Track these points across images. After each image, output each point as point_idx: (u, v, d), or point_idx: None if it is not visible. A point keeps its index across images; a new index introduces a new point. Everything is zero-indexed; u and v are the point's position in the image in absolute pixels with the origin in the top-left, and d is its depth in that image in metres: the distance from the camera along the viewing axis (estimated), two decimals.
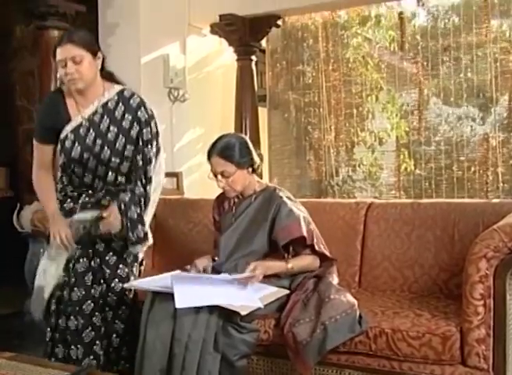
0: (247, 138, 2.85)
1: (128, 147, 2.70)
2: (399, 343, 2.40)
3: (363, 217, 3.18)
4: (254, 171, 2.81)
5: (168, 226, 3.69)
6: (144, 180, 2.71)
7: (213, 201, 3.11)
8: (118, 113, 2.71)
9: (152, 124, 2.76)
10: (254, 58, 5.25)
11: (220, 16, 5.05)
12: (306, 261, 2.74)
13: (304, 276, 2.74)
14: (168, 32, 5.10)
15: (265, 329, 2.61)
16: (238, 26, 5.06)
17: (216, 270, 2.77)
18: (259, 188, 2.86)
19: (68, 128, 2.71)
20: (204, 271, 2.77)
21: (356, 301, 2.54)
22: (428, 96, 5.05)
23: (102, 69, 2.76)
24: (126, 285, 2.72)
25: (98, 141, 2.69)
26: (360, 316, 2.48)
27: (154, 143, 2.75)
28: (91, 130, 2.70)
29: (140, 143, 2.71)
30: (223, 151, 2.71)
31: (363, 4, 5.20)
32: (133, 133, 2.70)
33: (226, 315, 2.47)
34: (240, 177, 2.74)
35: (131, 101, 2.74)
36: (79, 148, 2.69)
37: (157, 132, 2.78)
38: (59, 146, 2.74)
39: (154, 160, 2.74)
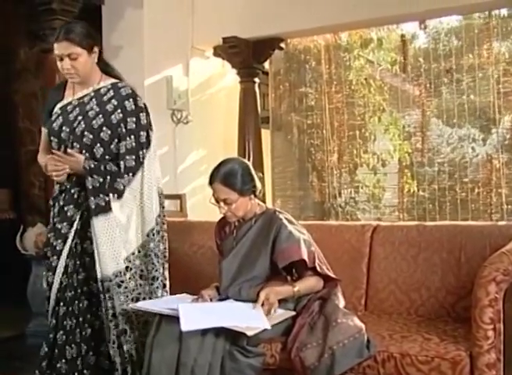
0: (249, 163, 2.83)
1: (104, 129, 2.71)
2: (408, 368, 2.37)
3: (368, 240, 3.17)
4: (255, 196, 2.80)
5: (172, 249, 3.62)
6: (122, 167, 2.71)
7: (215, 226, 3.09)
8: (106, 97, 2.78)
9: (141, 115, 2.78)
10: (257, 80, 5.28)
11: (223, 38, 5.08)
12: (310, 282, 2.71)
13: (309, 298, 2.71)
14: (172, 54, 5.14)
15: (272, 353, 2.58)
16: (241, 49, 5.09)
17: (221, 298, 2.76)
18: (259, 211, 2.84)
19: (58, 105, 2.83)
20: (211, 301, 2.75)
21: (363, 326, 2.51)
22: (430, 117, 5.07)
23: (100, 60, 2.85)
24: (131, 306, 2.70)
25: (79, 117, 2.75)
26: (368, 340, 2.45)
27: (142, 134, 2.76)
28: (77, 109, 2.79)
29: (124, 130, 2.72)
30: (226, 178, 2.69)
31: (365, 26, 5.24)
32: (114, 118, 2.72)
33: (233, 338, 2.45)
34: (242, 204, 2.72)
35: (121, 90, 2.80)
36: (61, 120, 2.78)
37: (146, 125, 2.79)
38: (48, 122, 2.84)
39: (140, 151, 2.73)
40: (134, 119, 2.75)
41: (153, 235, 2.84)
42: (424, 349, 2.39)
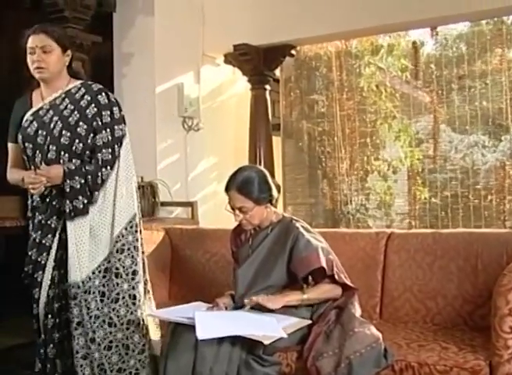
0: (266, 171, 2.81)
1: (81, 124, 2.67)
2: None
3: (383, 247, 3.14)
4: (271, 204, 2.78)
5: (185, 257, 3.66)
6: (99, 161, 2.66)
7: (230, 232, 3.06)
8: (78, 95, 2.73)
9: (114, 109, 2.73)
10: (267, 87, 5.28)
11: (234, 46, 5.09)
12: (323, 290, 2.67)
13: (326, 307, 2.69)
14: (183, 62, 5.15)
15: (287, 362, 2.55)
16: (252, 56, 5.10)
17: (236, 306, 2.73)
18: (276, 219, 2.82)
19: (28, 113, 2.75)
20: (226, 309, 2.73)
21: (380, 335, 2.48)
22: (442, 124, 5.05)
23: (70, 66, 2.81)
24: (146, 314, 2.68)
25: (55, 118, 2.69)
26: (385, 349, 2.42)
27: (117, 128, 2.71)
28: (51, 111, 2.72)
29: (100, 124, 2.69)
30: (242, 186, 2.67)
31: (375, 33, 5.23)
32: (89, 112, 2.69)
33: (249, 347, 2.42)
34: (257, 212, 2.70)
35: (92, 86, 2.77)
36: (36, 125, 2.70)
37: (120, 118, 2.74)
38: (18, 131, 2.75)
39: (115, 145, 2.69)
40: (108, 112, 2.71)
41: (131, 227, 2.73)
42: (442, 358, 2.36)
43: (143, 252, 2.82)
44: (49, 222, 2.67)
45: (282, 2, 5.02)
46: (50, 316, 2.67)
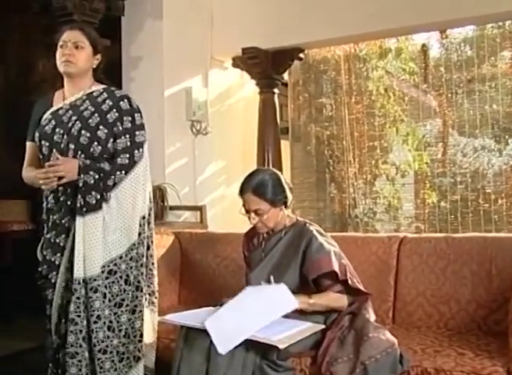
0: (280, 174, 2.79)
1: (101, 127, 2.66)
2: None
3: (395, 252, 3.12)
4: (286, 207, 2.76)
5: (195, 261, 3.64)
6: (116, 164, 2.65)
7: (242, 236, 3.05)
8: (100, 99, 2.74)
9: (136, 115, 2.73)
10: (276, 90, 5.26)
11: (243, 49, 5.06)
12: (329, 298, 2.63)
13: (339, 313, 2.67)
14: (191, 65, 5.13)
15: (301, 367, 2.54)
16: (261, 59, 5.07)
17: None
18: (289, 223, 2.80)
19: (48, 112, 2.74)
20: None
21: (396, 340, 2.46)
22: (451, 128, 5.03)
23: (96, 71, 2.82)
24: (160, 319, 2.66)
25: (73, 118, 2.68)
26: (401, 355, 2.40)
27: (138, 134, 2.71)
28: (70, 111, 2.71)
29: (120, 128, 2.68)
30: (257, 188, 2.66)
31: (384, 36, 5.21)
32: (110, 117, 2.68)
33: (263, 353, 2.41)
34: (273, 215, 2.69)
35: (115, 92, 2.78)
36: (53, 123, 2.69)
37: (141, 125, 2.74)
38: (36, 130, 2.73)
39: (135, 150, 2.68)
40: (130, 118, 2.71)
41: (142, 238, 2.72)
42: (459, 364, 2.33)
43: (152, 263, 2.81)
44: (63, 221, 2.65)
45: (290, 6, 4.99)
46: (64, 320, 2.64)
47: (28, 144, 2.84)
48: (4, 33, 5.88)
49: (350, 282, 2.64)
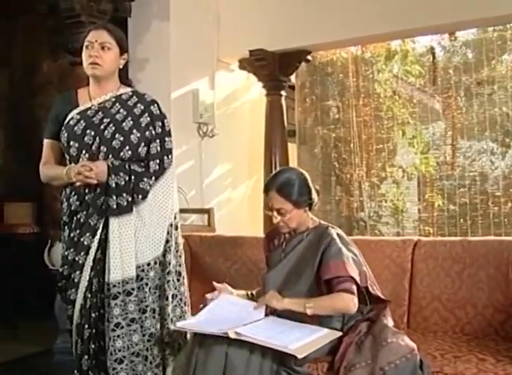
0: (307, 175, 2.75)
1: (134, 131, 2.63)
2: None
3: (410, 255, 3.09)
4: (310, 209, 2.72)
5: (205, 264, 3.60)
6: (149, 169, 2.63)
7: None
8: (130, 102, 2.70)
9: (165, 121, 2.73)
10: (283, 93, 5.23)
11: (250, 51, 5.03)
12: (330, 299, 2.53)
13: (357, 319, 2.63)
14: (198, 67, 5.09)
15: (318, 373, 2.50)
16: (268, 61, 5.04)
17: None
18: (312, 225, 2.75)
19: (75, 111, 2.67)
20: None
21: (415, 345, 2.41)
22: (461, 130, 4.99)
23: (121, 71, 2.78)
24: (174, 327, 2.61)
25: (105, 120, 2.63)
26: (421, 361, 2.36)
27: (167, 140, 2.70)
28: (100, 113, 2.66)
29: (153, 134, 2.66)
30: (282, 187, 2.61)
31: (393, 38, 5.18)
32: (143, 121, 2.66)
33: (280, 358, 2.37)
34: (296, 215, 2.64)
35: (145, 97, 2.75)
36: (83, 124, 2.63)
37: (169, 132, 2.74)
38: (62, 130, 2.66)
39: (165, 156, 2.67)
40: (160, 123, 2.70)
41: (170, 245, 2.70)
42: (481, 370, 2.29)
43: (181, 271, 2.79)
44: (89, 221, 2.60)
45: (296, 8, 4.96)
46: (87, 326, 2.60)
47: (47, 141, 2.77)
48: (9, 35, 5.86)
49: (371, 289, 2.60)
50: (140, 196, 2.60)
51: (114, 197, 2.55)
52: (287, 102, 5.55)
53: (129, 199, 2.57)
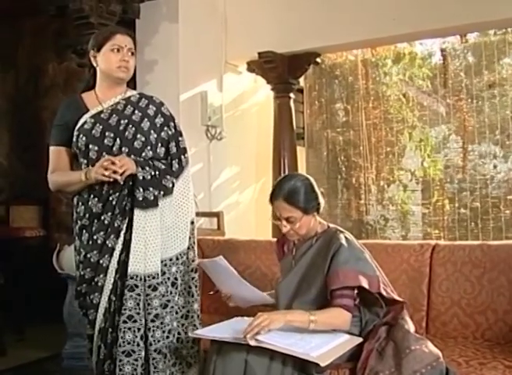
0: (312, 179, 2.70)
1: (152, 132, 2.63)
2: None
3: (428, 259, 3.03)
4: (318, 212, 2.67)
5: None
6: (172, 168, 2.65)
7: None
8: (142, 104, 2.70)
9: (176, 122, 2.76)
10: (292, 95, 5.19)
11: (259, 53, 5.00)
12: (331, 314, 2.45)
13: (374, 324, 2.58)
14: (206, 69, 5.06)
15: None
16: (277, 64, 5.01)
17: None
18: (320, 230, 2.69)
19: (87, 115, 2.63)
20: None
21: (440, 352, 2.36)
22: (472, 133, 4.96)
23: None
24: (191, 334, 2.57)
25: (123, 121, 2.61)
26: (447, 369, 2.30)
27: (181, 140, 2.72)
28: (114, 115, 2.63)
29: (169, 133, 2.69)
30: (290, 196, 2.55)
31: (403, 41, 5.15)
32: (158, 122, 2.67)
33: (301, 365, 2.31)
34: (305, 222, 2.58)
35: (154, 98, 2.76)
36: (100, 127, 2.60)
37: (181, 132, 2.75)
38: (75, 134, 2.60)
39: (181, 155, 2.69)
40: (172, 124, 2.72)
41: (192, 243, 2.73)
42: None
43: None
44: (114, 222, 2.55)
45: (305, 10, 4.92)
46: (110, 330, 2.54)
47: (53, 148, 2.71)
48: (14, 37, 5.82)
49: (384, 293, 2.54)
50: (162, 192, 2.59)
51: (141, 189, 2.54)
52: (294, 105, 5.52)
53: (156, 193, 2.57)
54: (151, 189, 2.55)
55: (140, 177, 2.54)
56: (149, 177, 2.56)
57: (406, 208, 5.33)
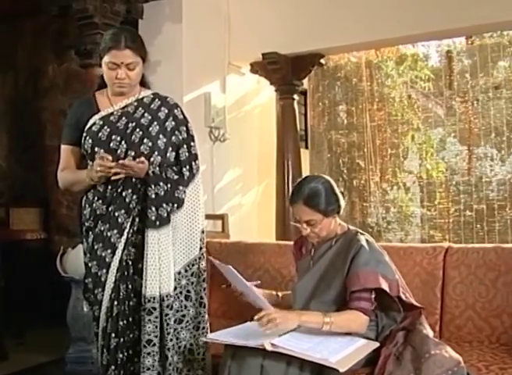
0: (332, 181, 2.65)
1: (161, 136, 2.55)
2: None
3: (441, 262, 2.98)
4: (338, 214, 2.63)
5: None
6: (184, 177, 2.56)
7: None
8: (154, 106, 2.62)
9: (189, 125, 2.66)
10: (296, 97, 5.15)
11: (263, 54, 4.96)
12: (347, 317, 2.43)
13: (391, 329, 2.54)
14: (209, 71, 5.02)
15: None
16: (281, 65, 4.97)
17: None
18: (340, 231, 2.66)
19: (96, 117, 2.58)
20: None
21: (460, 357, 2.32)
22: (477, 135, 4.93)
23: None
24: (204, 339, 2.52)
25: (131, 124, 2.55)
26: (468, 374, 2.27)
27: (193, 145, 2.63)
28: (123, 117, 2.57)
29: (179, 138, 2.60)
30: (310, 199, 2.51)
31: (407, 42, 5.13)
32: (168, 126, 2.58)
33: (318, 371, 2.27)
34: (326, 225, 2.55)
35: (168, 99, 2.66)
36: (108, 130, 2.54)
37: (193, 136, 2.67)
38: (84, 136, 2.56)
39: (193, 162, 2.61)
40: (185, 128, 2.63)
41: (203, 252, 2.66)
42: None
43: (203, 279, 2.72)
44: (116, 214, 2.51)
45: (309, 11, 4.89)
46: (114, 335, 2.49)
47: (65, 147, 2.66)
48: (14, 37, 5.76)
49: (403, 297, 2.51)
50: (175, 205, 2.52)
51: (153, 209, 2.46)
52: (298, 107, 5.49)
53: (169, 210, 2.49)
54: (164, 205, 2.48)
55: (153, 195, 2.47)
56: (162, 193, 2.48)
57: (409, 210, 5.30)
